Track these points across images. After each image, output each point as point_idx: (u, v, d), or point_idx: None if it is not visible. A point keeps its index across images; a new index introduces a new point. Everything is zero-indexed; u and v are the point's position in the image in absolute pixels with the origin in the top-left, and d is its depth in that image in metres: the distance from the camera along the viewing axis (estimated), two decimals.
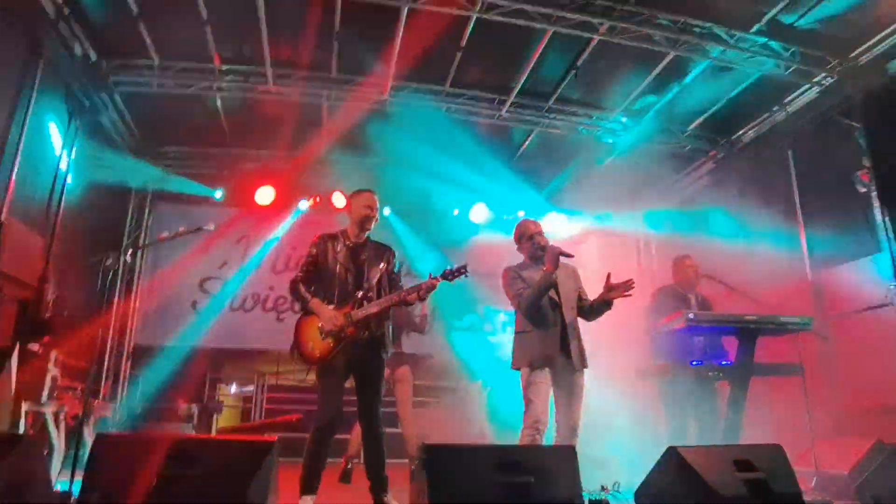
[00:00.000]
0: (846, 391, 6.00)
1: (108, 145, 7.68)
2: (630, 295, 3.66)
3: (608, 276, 3.72)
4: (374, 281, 3.83)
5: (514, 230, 4.11)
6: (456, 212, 9.44)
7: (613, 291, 3.69)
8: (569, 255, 3.74)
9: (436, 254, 8.65)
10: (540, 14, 5.67)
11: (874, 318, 5.82)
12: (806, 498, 3.21)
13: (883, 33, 5.80)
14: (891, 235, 5.78)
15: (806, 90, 6.69)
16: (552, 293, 3.77)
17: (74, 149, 6.40)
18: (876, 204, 5.91)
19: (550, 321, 3.74)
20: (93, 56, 6.40)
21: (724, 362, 4.41)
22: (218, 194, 8.62)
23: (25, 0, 5.26)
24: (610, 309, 3.81)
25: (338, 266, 3.81)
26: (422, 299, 3.77)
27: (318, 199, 8.82)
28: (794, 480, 2.82)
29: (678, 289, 5.09)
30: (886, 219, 5.84)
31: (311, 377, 3.85)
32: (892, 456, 3.27)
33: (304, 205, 8.86)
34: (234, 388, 12.21)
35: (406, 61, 6.54)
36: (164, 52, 6.55)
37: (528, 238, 3.95)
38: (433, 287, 3.70)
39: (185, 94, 6.91)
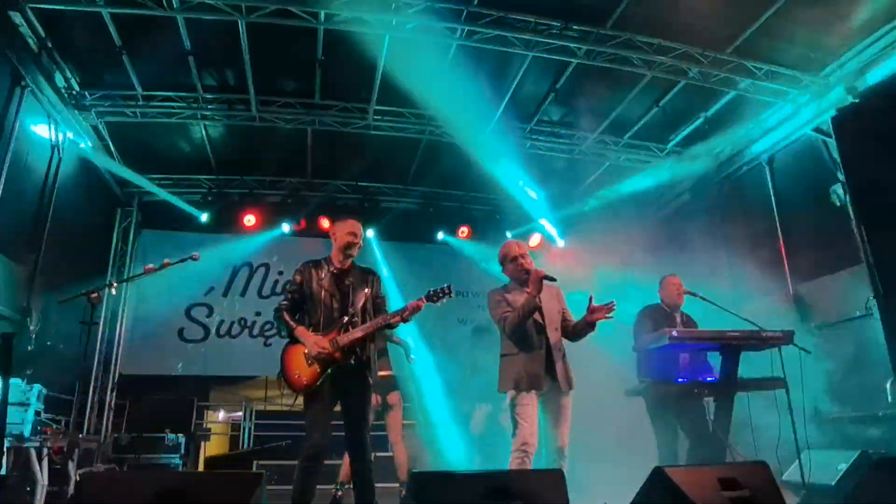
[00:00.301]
0: (831, 402, 6.07)
1: (92, 174, 7.67)
2: (611, 318, 3.69)
3: (591, 299, 3.74)
4: (360, 306, 3.83)
5: (499, 252, 4.10)
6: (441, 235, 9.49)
7: (596, 314, 3.72)
8: (552, 280, 3.76)
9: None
10: (518, 39, 5.79)
11: (854, 328, 5.92)
12: None
13: (852, 52, 5.99)
14: (868, 247, 5.91)
15: (780, 107, 6.87)
16: (536, 315, 3.78)
17: (57, 178, 6.38)
18: (852, 217, 6.05)
19: (535, 343, 3.74)
20: (75, 86, 6.42)
21: (708, 379, 4.45)
22: (204, 217, 8.59)
23: (7, 30, 5.28)
24: (593, 330, 3.82)
25: (322, 292, 3.81)
26: (406, 321, 3.78)
27: (303, 223, 8.82)
28: (780, 498, 2.84)
29: (663, 307, 5.14)
30: (863, 231, 5.97)
31: (300, 402, 3.83)
32: (877, 466, 3.32)
33: (286, 227, 8.81)
34: (221, 415, 12.05)
35: (388, 86, 6.64)
36: (146, 81, 6.59)
37: (512, 260, 3.95)
38: (418, 309, 3.70)
39: (168, 122, 6.94)
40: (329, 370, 3.63)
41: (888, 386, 5.40)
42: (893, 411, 5.31)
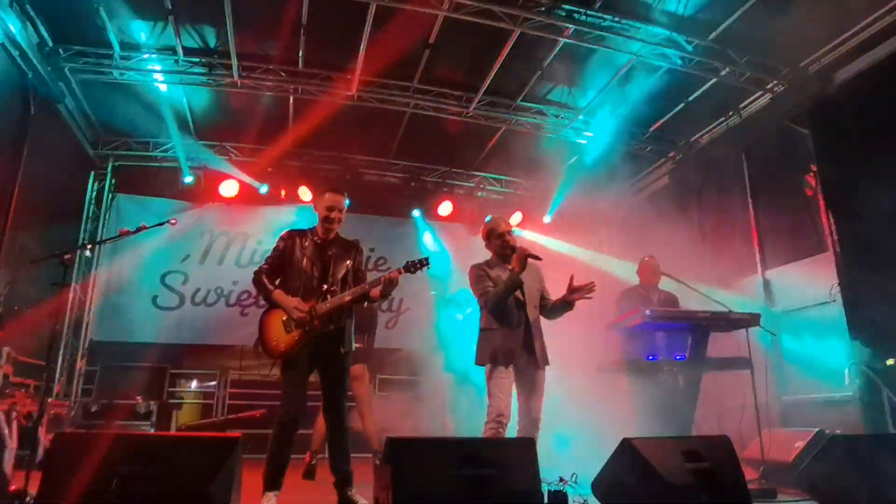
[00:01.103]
0: (793, 383, 6.31)
1: (66, 134, 7.46)
2: (591, 297, 3.76)
3: (571, 278, 3.81)
4: (340, 276, 3.84)
5: (483, 227, 4.11)
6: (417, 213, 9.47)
7: (575, 293, 3.79)
8: (536, 258, 3.81)
9: None
10: (506, 14, 5.75)
11: (819, 314, 6.13)
12: (752, 486, 3.39)
13: (830, 45, 6.08)
14: (835, 237, 6.09)
15: (759, 97, 6.97)
16: (517, 292, 3.84)
17: (28, 139, 6.19)
18: (821, 206, 6.22)
19: (515, 319, 3.81)
20: (49, 41, 6.20)
21: (678, 357, 4.58)
22: (188, 179, 8.44)
23: None
24: (571, 310, 3.90)
25: (304, 260, 3.81)
26: (384, 295, 3.80)
27: (284, 193, 8.73)
28: (739, 470, 2.97)
29: (641, 289, 5.28)
30: (831, 221, 6.15)
31: (276, 371, 3.85)
32: (829, 444, 3.47)
33: (265, 196, 8.71)
34: (195, 384, 11.97)
35: (374, 57, 6.55)
36: (125, 41, 6.39)
37: (499, 236, 3.97)
38: (394, 279, 3.72)
39: (147, 85, 6.75)
40: (307, 338, 3.65)
41: (846, 371, 5.62)
42: (850, 394, 5.53)
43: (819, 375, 5.97)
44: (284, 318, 3.69)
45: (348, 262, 3.90)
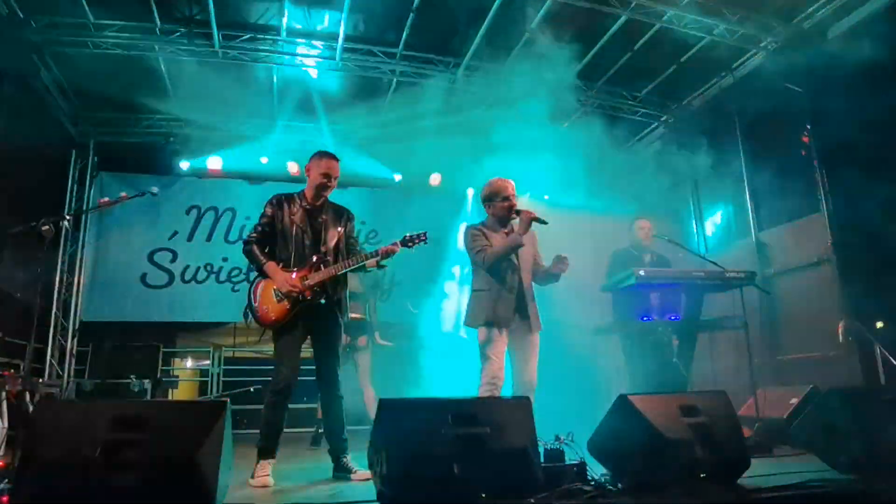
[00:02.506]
0: (787, 343, 6.32)
1: (44, 112, 7.26)
2: (564, 270, 3.78)
3: (561, 257, 3.81)
4: (332, 244, 3.76)
5: (485, 187, 3.99)
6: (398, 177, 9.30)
7: (558, 266, 3.80)
8: (543, 222, 3.74)
9: None
10: None
11: (813, 274, 6.12)
12: (747, 443, 3.38)
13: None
14: (828, 196, 6.05)
15: (752, 55, 6.85)
16: (513, 256, 3.80)
17: (4, 115, 6.01)
18: (815, 166, 6.17)
19: (509, 282, 3.77)
20: (19, 13, 5.98)
21: (673, 318, 4.56)
22: (184, 165, 8.29)
23: None
24: (557, 281, 3.90)
25: (294, 228, 3.72)
26: (380, 266, 3.74)
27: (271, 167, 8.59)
28: (737, 424, 2.95)
29: (632, 250, 5.24)
30: (825, 180, 6.10)
31: (267, 340, 3.79)
32: (823, 398, 3.47)
33: (252, 171, 8.55)
34: (189, 363, 11.96)
35: (357, 21, 6.37)
36: (98, 9, 6.16)
37: (504, 199, 3.87)
38: (392, 252, 3.65)
39: (125, 55, 6.54)
40: (298, 307, 3.59)
41: (839, 329, 5.63)
42: (843, 352, 5.55)
43: (813, 335, 5.98)
44: (275, 287, 3.62)
45: (340, 228, 3.83)
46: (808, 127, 6.23)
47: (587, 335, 4.96)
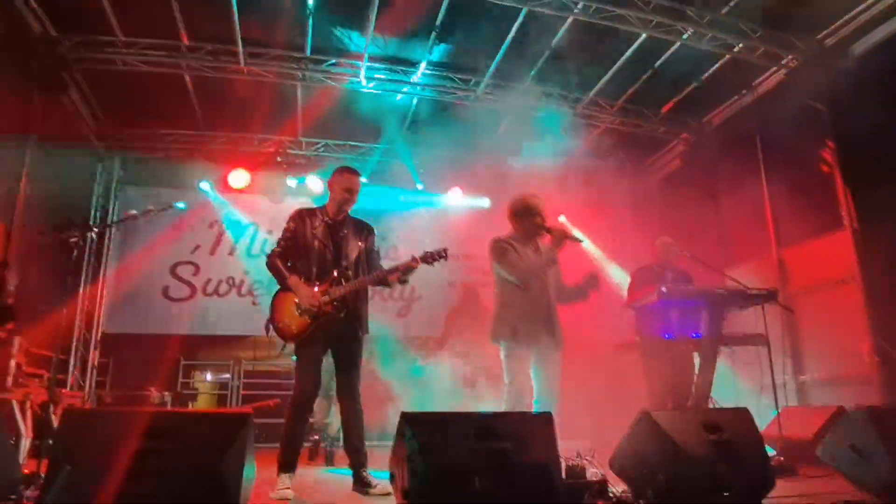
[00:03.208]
0: (810, 362, 6.21)
1: (72, 127, 7.45)
2: (595, 287, 3.75)
3: (594, 273, 3.79)
4: (353, 258, 3.79)
5: (515, 202, 3.91)
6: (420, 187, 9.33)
7: (591, 283, 3.78)
8: (577, 240, 3.72)
9: None
10: None
11: (837, 292, 6.02)
12: (771, 462, 3.32)
13: (847, 16, 5.93)
14: (852, 213, 5.98)
15: (773, 73, 6.83)
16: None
17: (34, 130, 6.19)
18: (838, 183, 6.10)
19: (534, 298, 3.73)
20: (52, 32, 6.18)
21: (695, 335, 4.51)
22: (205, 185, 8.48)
23: None
24: (584, 299, 3.86)
25: (316, 242, 3.76)
26: (402, 282, 3.75)
27: (293, 182, 8.71)
28: (760, 441, 2.90)
29: (656, 267, 5.23)
30: (848, 197, 6.03)
31: (287, 353, 3.82)
32: (850, 418, 3.39)
33: (292, 182, 8.68)
34: (209, 376, 12.02)
35: (379, 42, 6.49)
36: (127, 27, 6.34)
37: (537, 214, 3.82)
38: (412, 268, 3.67)
39: (151, 72, 6.71)
40: (320, 322, 3.61)
41: (866, 348, 5.52)
42: (869, 372, 5.43)
43: (837, 354, 5.87)
44: (297, 300, 3.65)
45: (360, 242, 3.86)
46: (831, 144, 6.18)
47: (609, 351, 4.92)
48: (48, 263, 6.51)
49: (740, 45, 6.30)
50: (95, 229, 5.46)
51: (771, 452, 3.56)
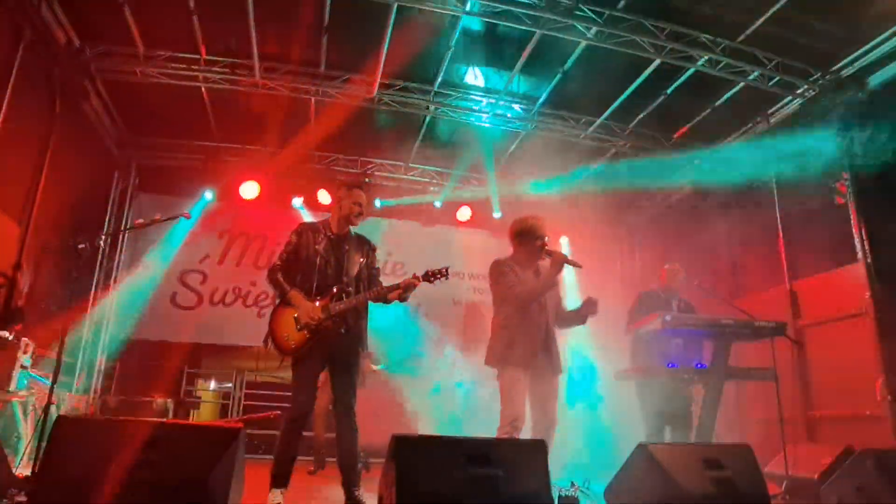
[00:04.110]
0: (819, 398, 6.07)
1: (91, 134, 7.59)
2: (595, 313, 3.70)
3: (592, 300, 3.74)
4: (354, 274, 3.80)
5: (517, 223, 3.91)
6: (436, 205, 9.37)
7: (584, 310, 3.73)
8: (577, 265, 3.69)
9: None
10: (528, 16, 5.69)
11: (848, 326, 5.90)
12: (774, 501, 3.24)
13: (864, 48, 5.90)
14: (866, 246, 5.88)
15: (788, 102, 6.78)
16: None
17: (54, 135, 6.30)
18: (853, 216, 6.02)
19: (535, 322, 3.71)
20: (76, 42, 6.32)
21: (699, 365, 4.43)
22: (208, 194, 8.52)
23: None
24: (582, 324, 3.81)
25: (318, 257, 3.77)
26: (402, 299, 3.74)
27: (303, 196, 8.78)
28: (762, 480, 2.83)
29: (661, 293, 5.15)
30: (863, 230, 5.94)
31: (286, 367, 3.80)
32: (857, 459, 3.30)
33: (296, 202, 8.80)
34: (212, 384, 12.05)
35: (395, 59, 6.55)
36: (149, 40, 6.48)
37: (539, 238, 3.81)
38: (413, 286, 3.66)
39: (170, 84, 6.83)
40: (318, 337, 3.61)
41: (878, 385, 5.39)
42: (880, 410, 5.30)
43: (847, 390, 5.73)
44: (296, 315, 3.65)
45: (362, 259, 3.86)
46: (845, 175, 6.10)
47: (607, 379, 4.84)
48: (60, 267, 6.61)
49: (755, 74, 6.27)
50: (104, 237, 5.51)
51: (774, 492, 3.47)
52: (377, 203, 8.75)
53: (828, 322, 6.23)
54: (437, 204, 9.27)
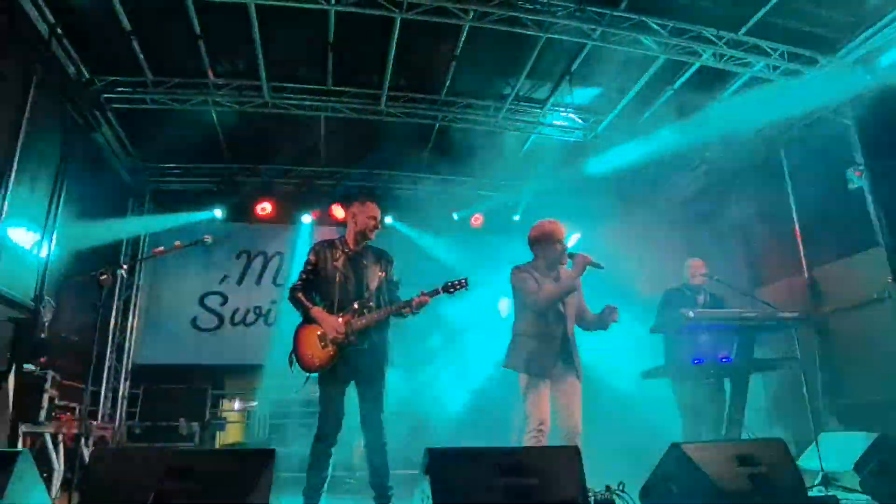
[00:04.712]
0: (848, 385, 5.99)
1: (104, 163, 7.69)
2: (616, 320, 3.67)
3: (612, 308, 3.72)
4: (374, 288, 3.81)
5: (535, 229, 3.88)
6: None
7: (609, 316, 3.71)
8: (599, 267, 3.63)
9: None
10: (533, 21, 5.70)
11: (873, 311, 5.83)
12: (811, 493, 3.20)
13: (870, 31, 5.84)
14: (885, 230, 5.81)
15: (796, 89, 6.71)
16: (559, 301, 3.73)
17: (68, 167, 6.39)
18: (869, 199, 5.95)
19: (554, 328, 3.68)
20: (85, 73, 6.42)
21: (723, 360, 4.40)
22: (217, 212, 8.59)
23: (18, 20, 5.28)
24: (605, 330, 3.78)
25: (337, 274, 3.79)
26: (414, 314, 3.69)
27: (317, 212, 8.83)
28: (797, 474, 2.80)
29: (685, 290, 5.14)
30: (881, 213, 5.87)
31: (310, 387, 3.82)
32: (893, 447, 3.26)
33: (306, 218, 8.86)
34: (237, 405, 12.09)
35: (401, 71, 6.59)
36: (157, 67, 6.57)
37: (558, 241, 3.78)
38: (425, 302, 3.65)
39: (180, 109, 6.92)
40: (343, 353, 3.62)
41: None
42: None
43: (877, 376, 5.65)
44: (320, 332, 3.67)
45: (381, 272, 3.88)
46: (859, 161, 6.04)
47: (636, 379, 4.80)
48: (80, 298, 6.68)
49: (760, 64, 6.23)
50: (125, 266, 5.57)
51: (809, 484, 3.43)
52: (390, 217, 8.76)
53: (851, 308, 6.15)
54: (455, 217, 9.25)
